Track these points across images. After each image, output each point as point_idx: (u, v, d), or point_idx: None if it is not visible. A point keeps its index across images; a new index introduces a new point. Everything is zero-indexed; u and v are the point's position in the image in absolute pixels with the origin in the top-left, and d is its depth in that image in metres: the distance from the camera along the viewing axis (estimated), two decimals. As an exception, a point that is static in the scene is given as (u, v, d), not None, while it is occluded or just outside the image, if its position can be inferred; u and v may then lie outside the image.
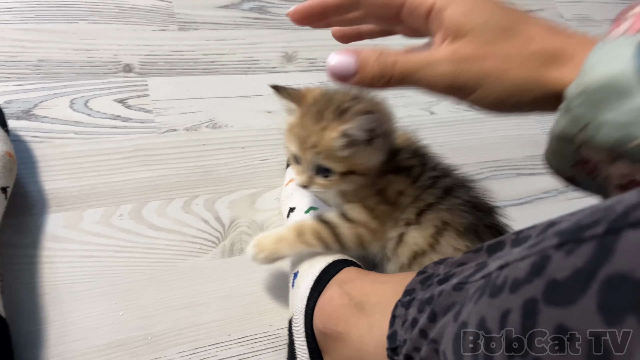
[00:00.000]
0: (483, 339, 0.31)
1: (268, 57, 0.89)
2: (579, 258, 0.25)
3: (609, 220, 0.25)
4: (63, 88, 0.75)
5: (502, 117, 0.98)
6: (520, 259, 0.30)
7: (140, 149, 0.74)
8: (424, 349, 0.39)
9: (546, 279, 0.27)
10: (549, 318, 0.26)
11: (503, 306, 0.30)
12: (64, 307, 0.61)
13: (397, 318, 0.44)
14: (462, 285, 0.38)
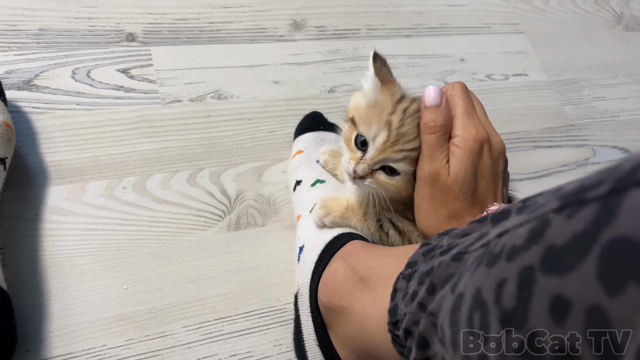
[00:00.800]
0: (479, 312, 0.29)
1: (275, 25, 0.86)
2: (580, 221, 0.23)
3: (613, 179, 0.23)
4: (64, 58, 0.73)
5: (519, 89, 0.95)
6: (519, 225, 0.28)
7: (144, 120, 0.72)
8: (422, 323, 0.37)
9: (544, 245, 0.25)
10: (546, 288, 0.24)
11: (499, 276, 0.27)
12: (67, 280, 0.60)
13: (399, 291, 0.42)
14: (462, 255, 0.36)
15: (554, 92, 0.96)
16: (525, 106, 0.93)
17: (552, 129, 0.92)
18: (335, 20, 0.90)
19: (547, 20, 1.05)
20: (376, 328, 0.46)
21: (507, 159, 0.56)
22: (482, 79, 0.93)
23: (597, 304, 0.21)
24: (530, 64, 0.98)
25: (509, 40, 0.99)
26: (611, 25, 1.09)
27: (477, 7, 1.01)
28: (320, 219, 0.60)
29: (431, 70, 0.90)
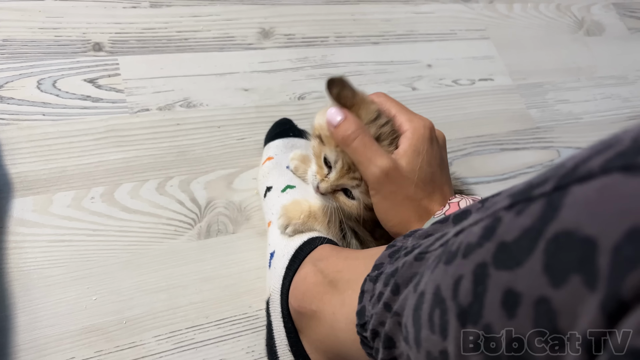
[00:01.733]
0: (438, 309, 0.30)
1: (244, 33, 0.86)
2: (528, 217, 0.24)
3: (557, 176, 0.24)
4: (30, 68, 0.72)
5: (486, 93, 0.97)
6: (474, 223, 0.29)
7: (112, 129, 0.72)
8: (388, 323, 0.38)
9: (496, 241, 0.26)
10: (498, 282, 0.25)
11: (456, 273, 0.28)
12: (34, 292, 0.59)
13: (366, 293, 0.43)
14: (423, 255, 0.37)
15: (519, 95, 0.99)
16: (491, 110, 0.95)
17: (518, 131, 0.94)
18: (304, 28, 0.91)
19: (511, 26, 1.08)
20: (345, 330, 0.47)
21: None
22: (449, 84, 0.95)
23: (544, 296, 0.22)
24: (495, 68, 1.00)
25: (474, 45, 1.02)
26: (573, 31, 1.12)
27: (443, 14, 1.03)
28: (282, 230, 0.61)
29: (399, 77, 0.92)
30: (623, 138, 0.22)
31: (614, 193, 0.21)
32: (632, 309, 0.19)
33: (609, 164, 0.21)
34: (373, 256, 0.46)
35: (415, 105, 0.90)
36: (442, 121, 0.90)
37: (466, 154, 0.88)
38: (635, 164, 0.21)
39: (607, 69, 1.09)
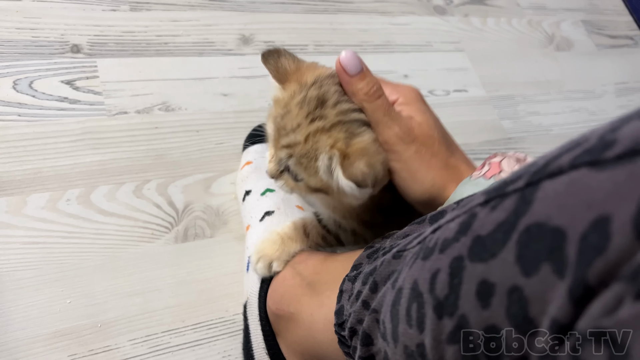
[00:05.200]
0: (416, 303, 0.31)
1: (224, 39, 0.87)
2: (502, 212, 0.25)
3: (530, 173, 0.25)
4: (5, 68, 0.71)
5: (460, 104, 0.99)
6: (451, 219, 0.30)
7: (89, 131, 0.71)
8: (366, 320, 0.39)
9: (471, 235, 0.27)
10: (473, 274, 0.26)
11: (433, 267, 0.30)
12: (6, 295, 0.58)
13: (344, 293, 0.43)
14: (401, 253, 0.38)
15: (492, 107, 1.01)
16: (465, 120, 0.97)
17: (490, 141, 0.96)
18: (283, 35, 0.92)
19: (485, 39, 1.11)
20: (323, 331, 0.47)
21: None
22: (425, 94, 0.96)
23: (516, 285, 0.24)
24: (469, 80, 1.03)
25: (449, 57, 1.04)
26: (543, 45, 1.16)
27: (419, 26, 1.06)
28: (265, 272, 0.57)
29: (376, 85, 0.93)
30: (590, 137, 0.24)
31: (582, 186, 0.22)
32: (598, 293, 0.20)
33: (577, 160, 0.23)
34: (351, 257, 0.47)
35: (391, 114, 0.91)
36: (417, 130, 0.92)
37: (441, 162, 0.90)
38: (600, 159, 0.22)
39: (575, 83, 1.13)
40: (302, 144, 0.43)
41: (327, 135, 0.43)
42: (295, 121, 0.44)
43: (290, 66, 0.47)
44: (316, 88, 0.45)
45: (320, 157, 0.43)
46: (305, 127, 0.43)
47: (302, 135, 0.43)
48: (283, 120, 0.44)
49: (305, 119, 0.43)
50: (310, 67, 0.48)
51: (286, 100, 0.45)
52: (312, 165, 0.44)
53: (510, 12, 1.18)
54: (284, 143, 0.44)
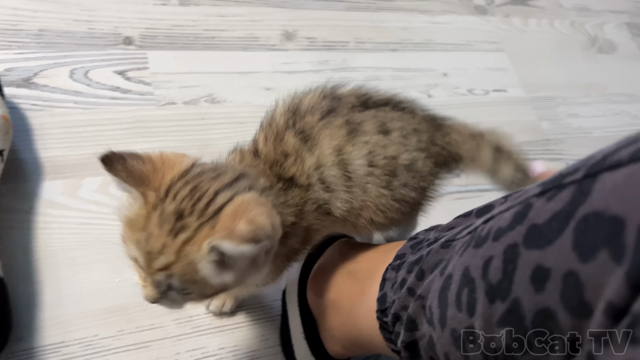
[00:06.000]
0: (467, 288, 0.32)
1: (268, 34, 0.89)
2: (559, 202, 0.27)
3: (587, 166, 0.26)
4: (63, 58, 0.75)
5: (498, 104, 0.99)
6: (504, 210, 0.31)
7: (139, 120, 0.74)
8: (411, 306, 0.40)
9: (527, 224, 0.28)
10: (528, 260, 0.28)
11: (486, 254, 0.31)
12: (60, 271, 0.62)
13: (387, 281, 0.45)
14: (450, 242, 0.39)
15: (531, 108, 1.01)
16: (503, 120, 0.97)
17: (528, 142, 0.96)
18: (325, 32, 0.94)
19: (526, 40, 1.10)
20: (364, 317, 0.49)
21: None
22: (464, 93, 0.97)
23: (572, 270, 0.25)
24: (509, 80, 1.03)
25: (489, 57, 1.04)
26: (585, 47, 1.15)
27: (459, 26, 1.06)
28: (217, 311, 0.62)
29: (415, 83, 0.95)
30: None
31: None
32: None
33: (637, 154, 0.24)
34: (392, 248, 0.48)
35: (430, 111, 0.92)
36: (455, 128, 0.92)
37: (478, 161, 0.90)
38: None
39: (618, 87, 1.11)
40: (176, 262, 0.39)
41: (192, 243, 0.39)
42: (160, 242, 0.39)
43: (144, 168, 0.42)
44: (171, 201, 0.40)
45: (200, 267, 0.40)
46: (172, 245, 0.39)
47: (173, 254, 0.39)
48: (148, 245, 0.40)
49: (168, 236, 0.39)
50: (166, 164, 0.43)
51: (142, 222, 0.40)
52: (199, 276, 0.40)
53: (553, 13, 1.17)
54: (158, 266, 0.40)
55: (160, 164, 0.42)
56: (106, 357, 0.59)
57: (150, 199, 0.40)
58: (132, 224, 0.41)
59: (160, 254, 0.39)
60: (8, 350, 0.56)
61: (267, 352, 0.64)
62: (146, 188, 0.40)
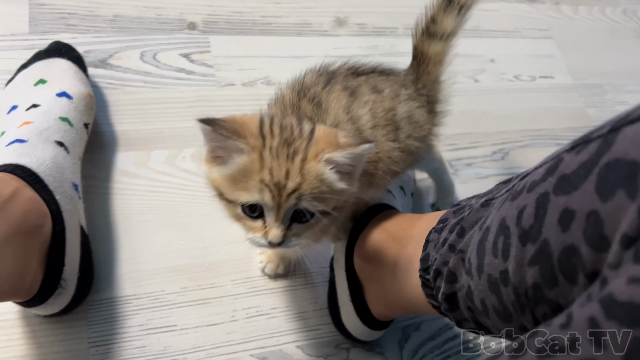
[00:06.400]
0: (502, 236, 0.36)
1: (320, 20, 0.94)
2: (586, 154, 0.30)
3: (612, 122, 0.30)
4: (135, 41, 0.82)
5: (545, 90, 1.01)
6: (539, 166, 0.36)
7: (202, 99, 0.81)
8: (451, 260, 0.44)
9: (557, 175, 0.32)
10: (556, 205, 0.32)
11: (521, 204, 0.35)
12: (133, 233, 0.69)
13: (431, 242, 0.49)
14: (489, 201, 0.43)
15: (578, 94, 1.02)
16: (549, 106, 0.99)
17: (574, 128, 0.98)
18: (375, 18, 0.98)
19: (575, 27, 1.11)
20: (407, 277, 0.53)
21: None
22: (510, 79, 0.99)
23: (594, 209, 0.29)
24: (556, 67, 1.04)
25: (537, 44, 1.05)
26: (637, 35, 1.14)
27: (508, 13, 1.08)
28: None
29: (463, 69, 0.97)
30: None
31: None
32: None
33: None
34: (436, 216, 0.53)
35: (476, 96, 0.95)
36: (500, 113, 0.95)
37: (523, 145, 0.92)
38: None
39: (670, 75, 1.10)
40: (303, 181, 0.45)
41: (309, 160, 0.45)
42: (283, 169, 0.44)
43: (234, 125, 0.48)
44: (271, 138, 0.46)
45: (323, 177, 0.45)
46: (293, 167, 0.45)
47: (298, 175, 0.45)
48: (274, 177, 0.44)
49: (287, 162, 0.45)
50: (242, 119, 0.49)
51: (257, 163, 0.45)
52: (325, 186, 0.46)
53: (604, 1, 1.17)
54: (290, 190, 0.44)
55: (241, 121, 0.48)
56: (171, 310, 0.65)
57: (256, 143, 0.45)
58: (247, 171, 0.45)
59: (287, 180, 0.44)
60: (89, 299, 0.63)
61: (316, 314, 0.69)
62: (245, 137, 0.46)
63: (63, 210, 0.55)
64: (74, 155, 0.62)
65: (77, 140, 0.63)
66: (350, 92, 0.57)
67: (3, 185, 0.50)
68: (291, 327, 0.68)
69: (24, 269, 0.50)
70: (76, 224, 0.58)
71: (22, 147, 0.55)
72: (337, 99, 0.56)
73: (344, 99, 0.56)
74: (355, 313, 0.63)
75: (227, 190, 0.47)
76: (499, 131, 0.93)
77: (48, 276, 0.54)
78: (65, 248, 0.55)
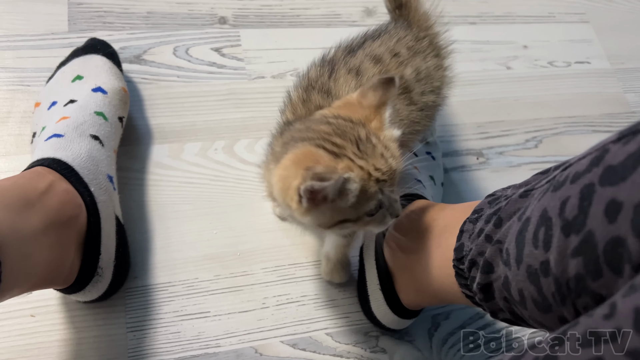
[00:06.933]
0: (544, 227, 0.36)
1: (349, 11, 0.94)
2: (634, 145, 0.30)
3: None
4: (168, 37, 0.85)
5: (581, 75, 0.98)
6: (582, 157, 0.35)
7: (233, 92, 0.82)
8: (488, 251, 0.44)
9: (603, 166, 0.32)
10: (602, 196, 0.31)
11: (563, 195, 0.35)
12: (167, 222, 0.71)
13: (465, 232, 0.49)
14: (529, 192, 0.43)
15: (616, 79, 0.99)
16: (585, 92, 0.96)
17: (612, 114, 0.95)
18: (405, 8, 0.97)
19: (613, 10, 1.07)
20: (440, 267, 0.53)
21: None
22: (544, 65, 0.97)
23: None
24: (593, 52, 1.01)
25: (573, 29, 1.03)
26: (681, 17, 1.10)
27: (542, -3, 1.05)
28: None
29: (494, 56, 0.96)
30: None
31: None
32: None
33: None
34: (469, 206, 0.52)
35: (508, 84, 0.94)
36: (533, 100, 0.93)
37: (557, 132, 0.90)
38: None
39: None
40: (393, 151, 0.48)
41: (379, 129, 0.49)
42: (379, 158, 0.46)
43: (324, 167, 0.45)
44: (346, 149, 0.46)
45: (394, 132, 0.50)
46: (381, 149, 0.47)
47: (386, 150, 0.47)
48: (382, 169, 0.46)
49: (374, 149, 0.47)
50: (318, 158, 0.46)
51: (361, 173, 0.46)
52: (398, 143, 0.50)
53: (645, -18, 1.12)
54: (393, 166, 0.47)
55: (324, 161, 0.46)
56: (205, 297, 0.67)
57: (345, 164, 0.46)
58: (363, 187, 0.45)
59: (388, 162, 0.46)
60: (126, 286, 0.66)
61: (345, 302, 0.70)
62: (336, 170, 0.45)
63: (98, 202, 0.58)
64: (108, 148, 0.64)
65: (112, 133, 0.66)
66: (355, 73, 0.58)
67: (39, 178, 0.53)
68: (320, 314, 0.69)
69: (61, 257, 0.53)
70: (111, 214, 0.61)
71: (60, 142, 0.58)
72: (345, 83, 0.57)
73: (352, 80, 0.57)
74: (385, 302, 0.64)
75: (351, 213, 0.47)
76: (532, 119, 0.91)
77: (85, 264, 0.56)
78: (101, 238, 0.58)
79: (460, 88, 0.92)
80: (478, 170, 0.85)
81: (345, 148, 0.46)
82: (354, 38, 0.64)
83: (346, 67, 0.58)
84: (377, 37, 0.63)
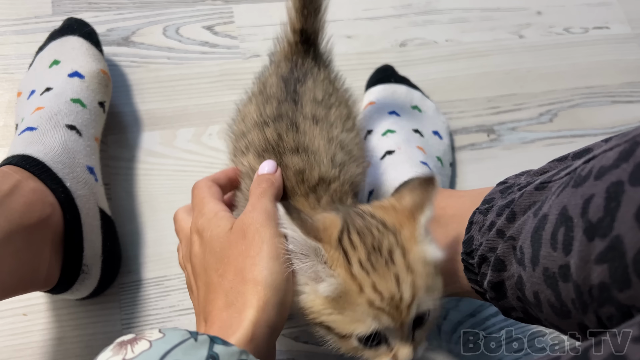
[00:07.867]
0: (563, 227, 0.32)
1: (349, -19, 0.88)
2: None
3: None
4: (157, 16, 0.80)
5: (599, 42, 0.92)
6: (609, 149, 0.31)
7: (227, 73, 0.78)
8: (500, 247, 0.40)
9: (634, 162, 0.28)
10: (633, 197, 0.27)
11: (586, 193, 0.30)
12: (160, 214, 0.68)
13: (474, 224, 0.45)
14: (545, 184, 0.38)
15: (637, 45, 0.92)
16: (604, 60, 0.90)
17: (633, 83, 0.89)
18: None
19: (635, -31, 1.00)
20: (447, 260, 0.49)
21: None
22: (560, 32, 0.91)
23: None
24: (613, 16, 0.94)
25: (590, -9, 0.96)
26: None
27: (557, -42, 0.98)
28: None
29: (505, 24, 0.90)
30: None
31: None
32: None
33: None
34: (479, 194, 0.48)
35: (520, 54, 0.88)
36: (548, 71, 0.87)
37: (573, 105, 0.85)
38: None
39: None
40: (416, 277, 0.39)
41: (407, 252, 0.40)
42: (391, 280, 0.38)
43: (317, 224, 0.40)
44: (354, 252, 0.39)
45: (429, 251, 0.41)
46: (401, 270, 0.38)
47: (408, 275, 0.38)
48: (384, 293, 0.38)
49: (390, 268, 0.38)
50: (323, 220, 0.42)
51: (351, 284, 0.38)
52: (432, 267, 0.41)
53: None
54: (407, 299, 0.38)
55: (325, 223, 0.41)
56: (202, 290, 0.65)
57: (336, 256, 0.38)
58: (346, 293, 0.38)
59: (400, 289, 0.38)
60: (120, 281, 0.64)
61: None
62: (323, 242, 0.39)
63: (76, 197, 0.55)
64: (88, 137, 0.61)
65: (92, 120, 0.62)
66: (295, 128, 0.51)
67: (3, 180, 0.49)
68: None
69: (32, 262, 0.50)
70: (94, 207, 0.58)
71: (32, 135, 0.55)
72: (316, 136, 0.50)
73: (318, 131, 0.51)
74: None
75: (336, 321, 0.39)
76: (547, 91, 0.85)
77: (67, 263, 0.54)
78: (83, 233, 0.55)
79: (468, 60, 0.87)
80: (489, 148, 0.80)
81: (355, 247, 0.38)
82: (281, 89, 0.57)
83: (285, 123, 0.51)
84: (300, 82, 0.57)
